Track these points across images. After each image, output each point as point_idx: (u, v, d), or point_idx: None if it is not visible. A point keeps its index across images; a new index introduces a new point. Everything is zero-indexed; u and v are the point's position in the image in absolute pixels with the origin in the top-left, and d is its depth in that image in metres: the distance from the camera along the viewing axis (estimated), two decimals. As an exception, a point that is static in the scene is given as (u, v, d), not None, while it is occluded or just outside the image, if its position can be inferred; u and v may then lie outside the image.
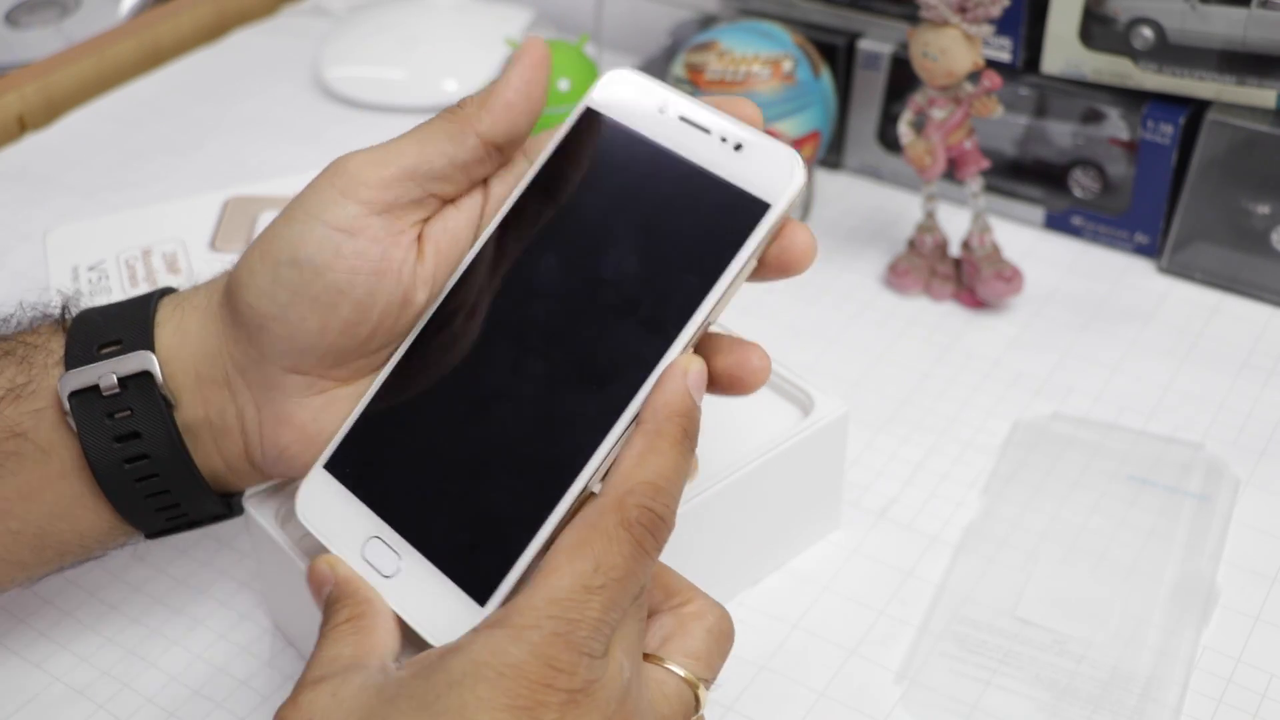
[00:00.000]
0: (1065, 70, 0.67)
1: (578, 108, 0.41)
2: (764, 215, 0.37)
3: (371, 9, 0.91)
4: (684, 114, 0.39)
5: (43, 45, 0.89)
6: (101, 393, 0.40)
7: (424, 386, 0.39)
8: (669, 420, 0.36)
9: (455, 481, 0.37)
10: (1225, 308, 0.64)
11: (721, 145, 0.38)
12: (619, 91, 0.40)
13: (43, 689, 0.47)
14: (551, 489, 0.36)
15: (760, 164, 0.37)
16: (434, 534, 0.37)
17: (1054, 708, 0.45)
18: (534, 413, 0.37)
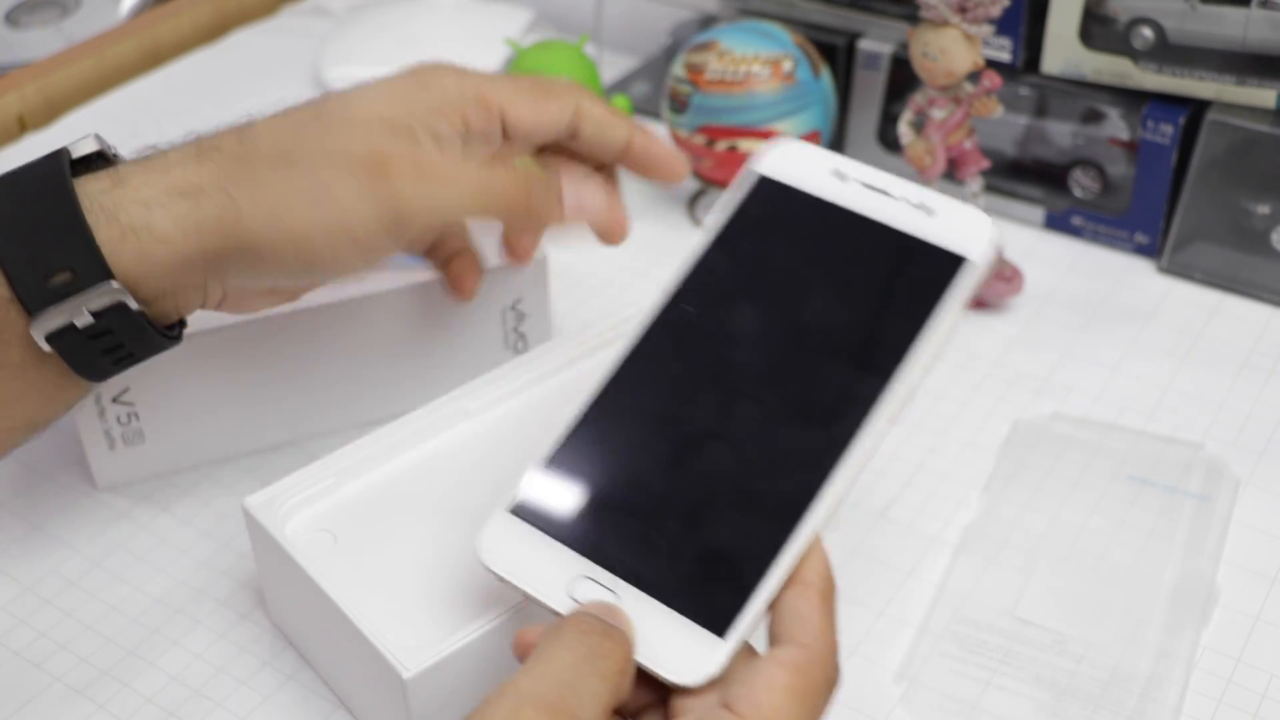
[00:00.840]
0: (1065, 70, 0.67)
1: (747, 174, 0.43)
2: (962, 266, 0.39)
3: (371, 9, 0.91)
4: (866, 180, 0.42)
5: (43, 45, 0.89)
6: (78, 327, 0.42)
7: (623, 429, 0.40)
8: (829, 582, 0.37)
9: (674, 519, 0.38)
10: (1225, 308, 0.64)
11: (910, 209, 0.41)
12: (789, 160, 0.43)
13: (43, 689, 0.47)
14: (782, 522, 0.37)
15: (951, 224, 0.40)
16: (654, 570, 0.37)
17: (1054, 708, 0.45)
18: (754, 452, 0.38)
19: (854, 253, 0.41)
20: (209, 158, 0.43)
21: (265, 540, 0.45)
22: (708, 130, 0.67)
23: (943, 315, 0.39)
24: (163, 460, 0.55)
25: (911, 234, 0.40)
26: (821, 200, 0.42)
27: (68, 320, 0.41)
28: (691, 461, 0.39)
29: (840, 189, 0.42)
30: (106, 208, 0.42)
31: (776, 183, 0.42)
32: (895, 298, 0.40)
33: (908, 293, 0.39)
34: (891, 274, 0.40)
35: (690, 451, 0.39)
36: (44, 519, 0.54)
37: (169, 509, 0.54)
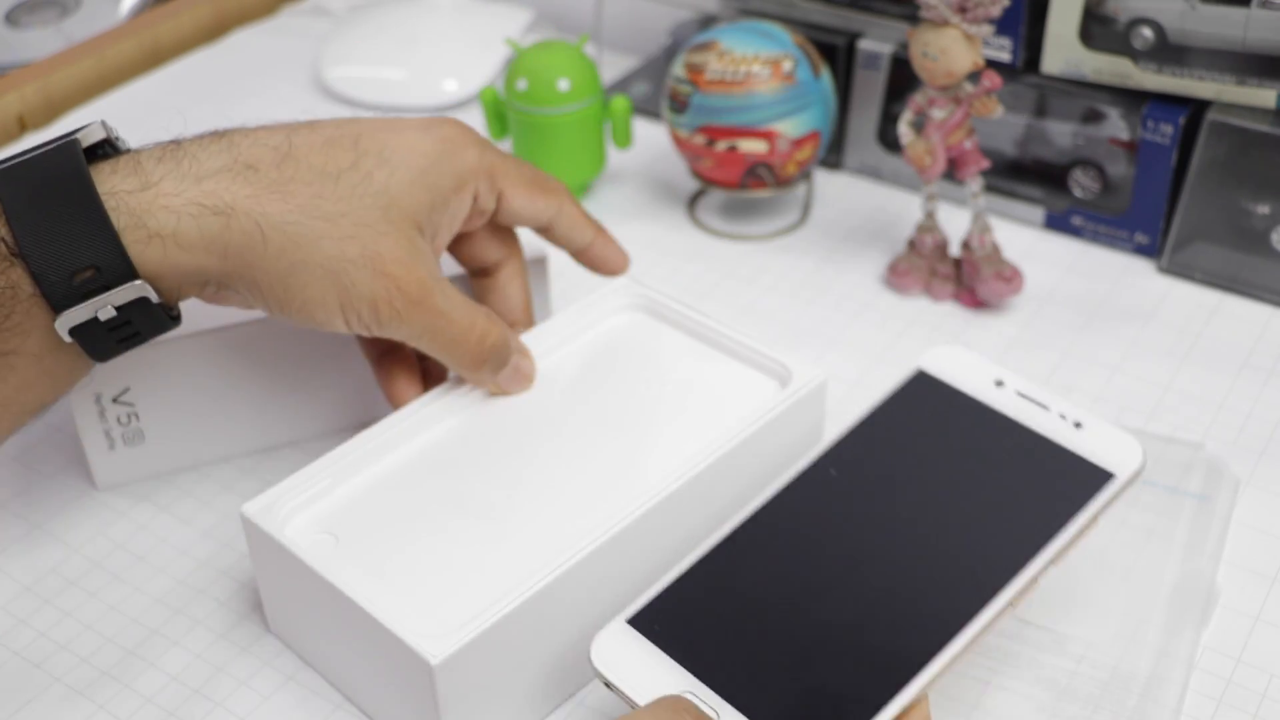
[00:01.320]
0: (1065, 70, 0.67)
1: (911, 372, 0.48)
2: (1107, 483, 0.43)
3: (371, 9, 0.91)
4: (1021, 390, 0.46)
5: (43, 45, 0.89)
6: (100, 320, 0.43)
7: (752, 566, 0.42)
8: None
9: (789, 656, 0.40)
10: (1225, 308, 0.64)
11: (1061, 421, 0.45)
12: (951, 363, 0.48)
13: (43, 689, 0.47)
14: (893, 677, 0.39)
15: (1099, 440, 0.44)
16: (758, 698, 0.39)
17: (1054, 708, 0.45)
18: (878, 609, 0.41)
19: (1003, 449, 0.45)
20: (245, 177, 0.44)
21: (267, 545, 0.45)
22: (708, 130, 0.67)
23: (1080, 520, 0.42)
24: (162, 460, 0.55)
25: (1059, 443, 0.44)
26: (974, 400, 0.46)
27: (92, 315, 0.43)
28: (814, 606, 0.41)
29: (996, 394, 0.46)
30: (134, 210, 0.43)
31: (935, 379, 0.47)
32: (1038, 495, 0.43)
33: (1051, 493, 0.43)
34: (1037, 477, 0.44)
35: (815, 597, 0.41)
36: (44, 519, 0.54)
37: (169, 509, 0.54)
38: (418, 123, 0.49)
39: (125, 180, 0.43)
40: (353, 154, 0.46)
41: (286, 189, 0.44)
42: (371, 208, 0.46)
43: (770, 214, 0.73)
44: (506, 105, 0.71)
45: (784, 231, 0.71)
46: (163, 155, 0.44)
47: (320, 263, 0.45)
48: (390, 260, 0.46)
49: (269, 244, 0.44)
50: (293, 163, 0.45)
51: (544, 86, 0.69)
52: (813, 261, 0.69)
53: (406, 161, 0.47)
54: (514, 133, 0.72)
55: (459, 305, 0.48)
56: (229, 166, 0.44)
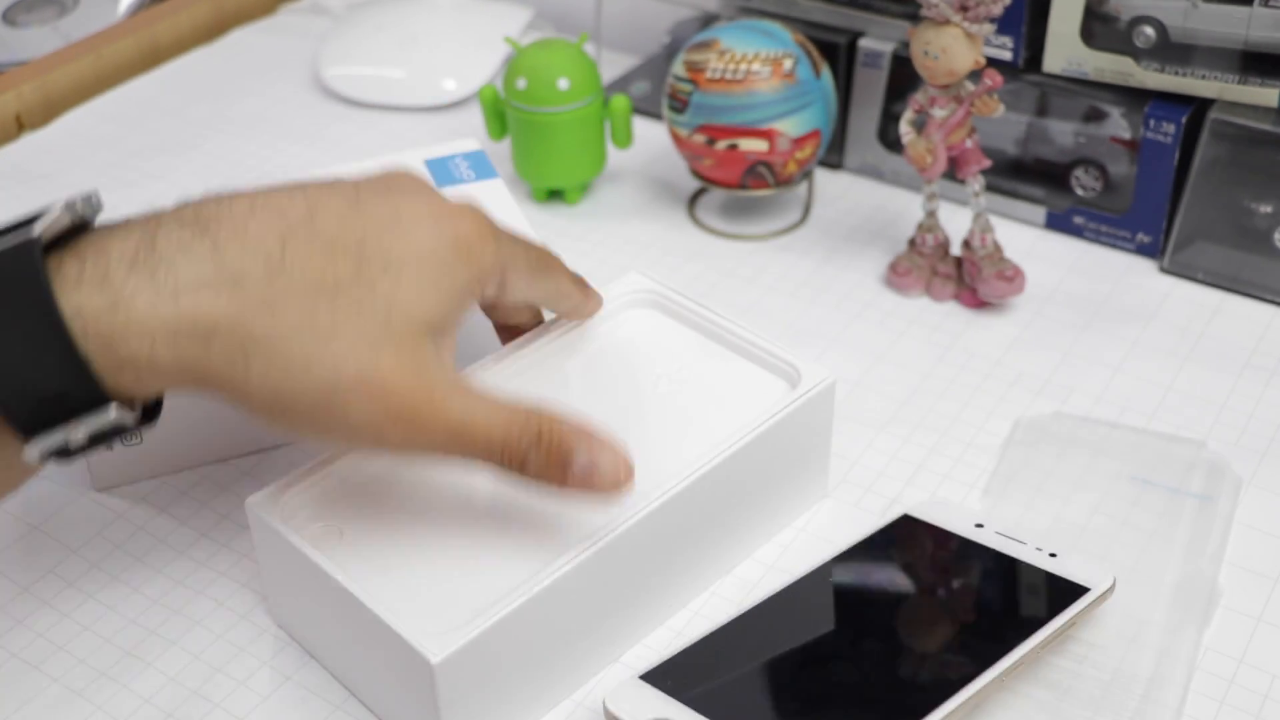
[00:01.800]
0: (1067, 69, 0.67)
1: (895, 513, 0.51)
2: (1083, 595, 0.46)
3: (371, 8, 0.90)
4: (1000, 529, 0.49)
5: (40, 44, 0.88)
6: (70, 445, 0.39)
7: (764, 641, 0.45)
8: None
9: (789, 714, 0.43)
10: (1227, 308, 0.64)
11: (1037, 553, 0.48)
12: (932, 508, 0.51)
13: (41, 690, 0.47)
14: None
15: (1074, 566, 0.47)
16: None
17: (1055, 708, 0.45)
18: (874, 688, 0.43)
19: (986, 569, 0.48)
20: (230, 293, 0.38)
21: (271, 538, 0.45)
22: (708, 129, 0.67)
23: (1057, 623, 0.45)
24: (161, 461, 0.55)
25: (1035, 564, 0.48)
26: (954, 535, 0.50)
27: (62, 442, 0.38)
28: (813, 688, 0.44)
29: (976, 533, 0.50)
30: (103, 334, 0.37)
31: (918, 520, 0.51)
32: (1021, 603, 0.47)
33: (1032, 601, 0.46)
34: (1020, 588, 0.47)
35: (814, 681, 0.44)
36: (42, 520, 0.54)
37: (167, 510, 0.54)
38: (430, 217, 0.42)
39: (92, 295, 0.37)
40: (354, 262, 0.40)
41: (276, 305, 0.39)
42: (372, 321, 0.40)
43: (770, 214, 0.73)
44: (506, 104, 0.71)
45: (784, 231, 0.71)
46: (135, 259, 0.38)
47: (310, 389, 0.39)
48: (391, 377, 0.40)
49: (252, 369, 0.38)
50: (285, 275, 0.39)
51: (543, 85, 0.69)
52: (813, 261, 0.69)
53: (415, 269, 0.41)
54: (513, 132, 0.72)
55: (483, 408, 0.41)
56: (211, 280, 0.38)
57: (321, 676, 0.47)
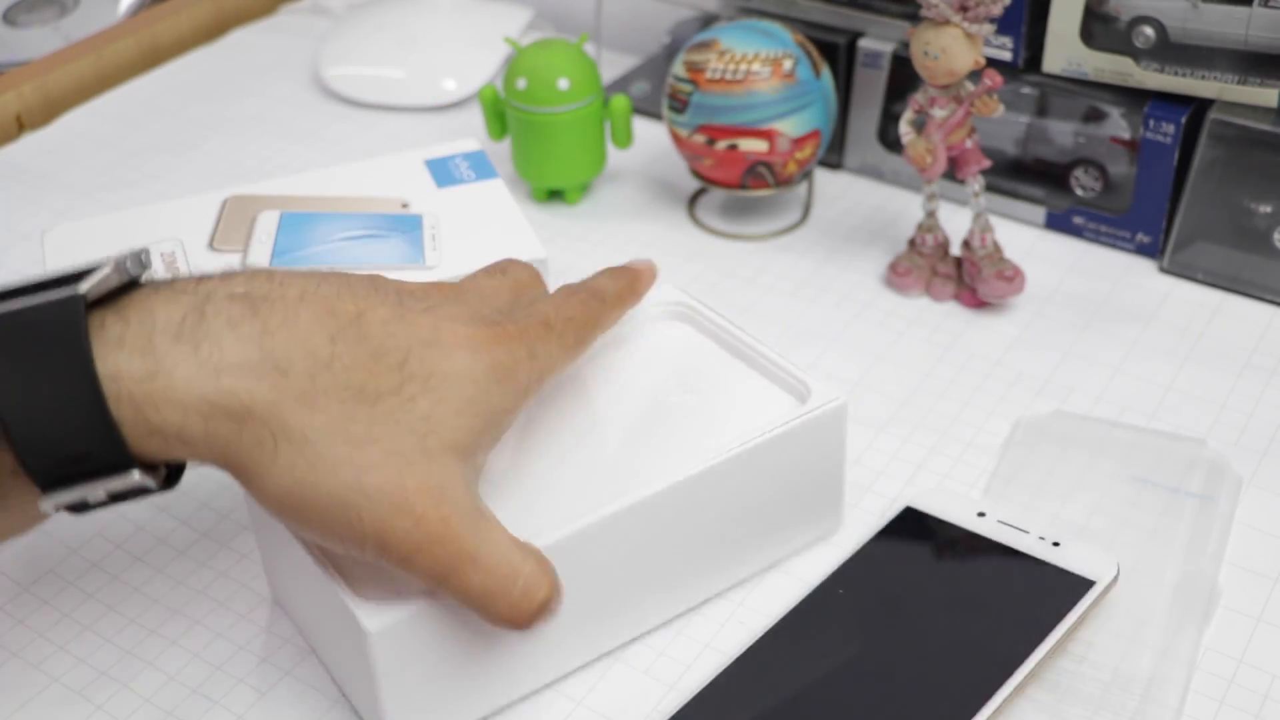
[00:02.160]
0: (1066, 69, 0.67)
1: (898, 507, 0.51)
2: (1089, 590, 0.47)
3: (371, 8, 0.90)
4: (1002, 518, 0.50)
5: (41, 44, 0.88)
6: (89, 501, 0.38)
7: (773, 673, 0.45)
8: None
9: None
10: (1227, 308, 0.64)
11: (1040, 542, 0.49)
12: (934, 498, 0.51)
13: (41, 690, 0.47)
14: None
15: (1077, 556, 0.48)
16: None
17: (1054, 708, 0.45)
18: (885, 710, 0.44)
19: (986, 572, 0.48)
20: (272, 380, 0.38)
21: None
22: (708, 129, 0.67)
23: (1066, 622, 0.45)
24: (161, 460, 0.55)
25: (1040, 558, 0.48)
26: (958, 528, 0.50)
27: (81, 498, 0.38)
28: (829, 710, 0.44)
29: (979, 523, 0.50)
30: (137, 400, 0.37)
31: (922, 513, 0.51)
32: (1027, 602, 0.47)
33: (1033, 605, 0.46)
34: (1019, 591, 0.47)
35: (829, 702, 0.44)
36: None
37: (168, 510, 0.54)
38: (468, 341, 0.42)
39: (131, 361, 0.37)
40: (398, 375, 0.40)
41: (316, 402, 0.38)
42: (407, 435, 0.39)
43: (770, 214, 0.73)
44: (506, 104, 0.71)
45: (784, 231, 0.71)
46: (180, 329, 0.38)
47: (330, 489, 0.39)
48: (416, 493, 0.39)
49: (279, 458, 0.38)
50: (330, 374, 0.39)
51: (544, 85, 0.69)
52: (813, 261, 0.69)
53: (455, 390, 0.41)
54: (513, 132, 0.72)
55: (499, 549, 0.41)
56: (256, 365, 0.38)
57: (319, 672, 0.47)
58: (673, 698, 0.46)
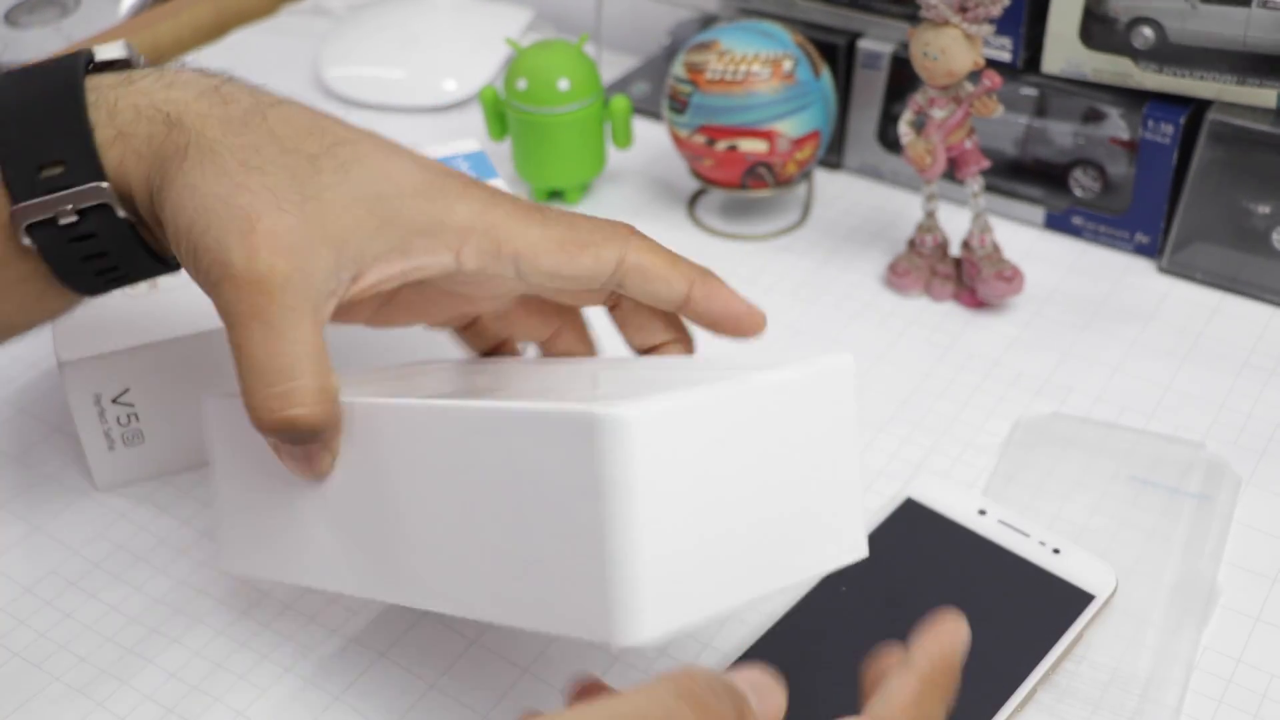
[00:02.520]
0: (1065, 70, 0.67)
1: (900, 499, 0.51)
2: (1088, 605, 0.47)
3: (371, 9, 0.91)
4: (1003, 518, 0.50)
5: (42, 45, 0.88)
6: (58, 221, 0.40)
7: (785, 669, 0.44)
8: (943, 674, 0.36)
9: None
10: (1226, 308, 0.64)
11: (1040, 547, 0.49)
12: (935, 491, 0.51)
13: (42, 689, 0.47)
14: None
15: (1076, 565, 0.48)
16: None
17: (1053, 708, 0.45)
18: None
19: (985, 577, 0.48)
20: (210, 102, 0.41)
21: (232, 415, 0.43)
22: (708, 130, 0.67)
23: (1062, 643, 0.45)
24: (162, 461, 0.55)
25: (1041, 566, 0.48)
26: (958, 526, 0.50)
27: (52, 214, 0.40)
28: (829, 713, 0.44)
29: (979, 522, 0.50)
30: (109, 104, 0.40)
31: (922, 506, 0.51)
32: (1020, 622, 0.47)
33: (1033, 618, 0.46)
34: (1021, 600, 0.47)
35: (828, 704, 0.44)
36: (44, 520, 0.54)
37: (168, 510, 0.54)
38: (425, 162, 0.42)
39: (110, 77, 0.41)
40: (318, 146, 0.41)
41: (235, 127, 0.40)
42: (295, 190, 0.39)
43: (770, 214, 0.73)
44: (506, 105, 0.71)
45: (784, 231, 0.71)
46: (156, 68, 0.42)
47: (206, 195, 0.39)
48: (264, 234, 0.38)
49: (187, 160, 0.39)
50: (260, 120, 0.41)
51: (544, 86, 0.69)
52: (813, 261, 0.69)
53: (368, 183, 0.40)
54: (514, 132, 0.72)
55: (296, 344, 0.39)
56: (204, 93, 0.41)
57: (320, 669, 0.47)
58: None
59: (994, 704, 0.44)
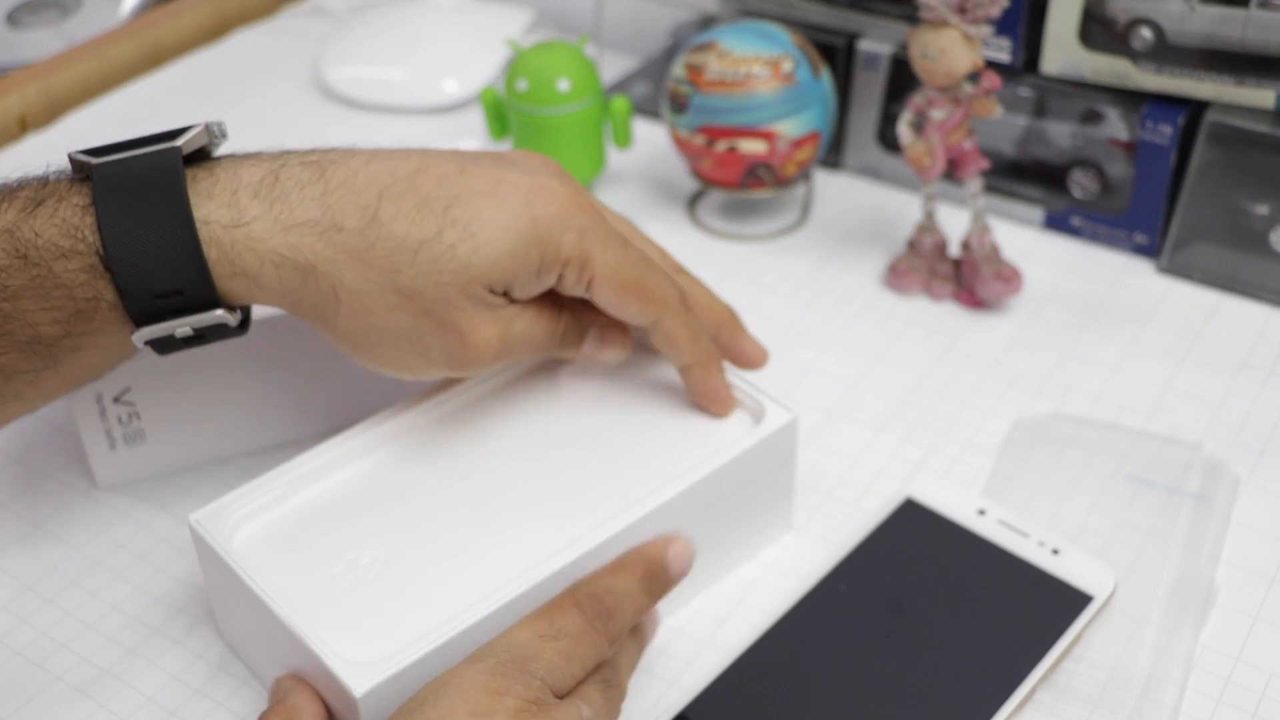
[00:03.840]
0: (1064, 71, 0.67)
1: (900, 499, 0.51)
2: (1087, 605, 0.47)
3: (372, 9, 0.91)
4: (1002, 519, 0.50)
5: (44, 46, 0.89)
6: (176, 336, 0.44)
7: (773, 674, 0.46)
8: (637, 560, 0.45)
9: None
10: (1224, 308, 0.64)
11: (1039, 548, 0.49)
12: (935, 491, 0.51)
13: (43, 688, 0.47)
14: None
15: (1075, 565, 0.48)
16: None
17: (1053, 708, 0.45)
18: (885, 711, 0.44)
19: (984, 577, 0.48)
20: (329, 237, 0.43)
21: (209, 555, 0.45)
22: (707, 130, 0.67)
23: (1060, 645, 0.46)
24: (163, 460, 0.56)
25: (1040, 567, 0.48)
26: (959, 526, 0.50)
27: (170, 333, 0.44)
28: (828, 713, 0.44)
29: (979, 522, 0.50)
30: (224, 244, 0.43)
31: (922, 506, 0.51)
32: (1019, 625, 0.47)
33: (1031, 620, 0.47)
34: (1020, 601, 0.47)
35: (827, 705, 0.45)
36: (44, 518, 0.54)
37: (169, 509, 0.55)
38: (522, 192, 0.45)
39: (219, 211, 0.43)
40: (439, 223, 0.44)
41: (366, 256, 0.43)
42: (450, 285, 0.44)
43: (770, 214, 0.73)
44: (507, 105, 0.71)
45: (784, 231, 0.72)
46: (258, 190, 0.44)
47: (393, 330, 0.44)
48: (469, 330, 0.45)
49: (342, 307, 0.44)
50: (377, 227, 0.44)
51: (544, 87, 0.69)
52: (813, 261, 0.69)
53: (493, 238, 0.44)
54: (514, 133, 0.72)
55: (530, 323, 0.47)
56: (316, 222, 0.43)
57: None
58: (674, 695, 0.46)
59: (993, 704, 0.44)
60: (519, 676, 0.39)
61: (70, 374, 0.45)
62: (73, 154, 0.44)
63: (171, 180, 0.43)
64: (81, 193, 0.43)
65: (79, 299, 0.43)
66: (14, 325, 0.42)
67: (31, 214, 0.42)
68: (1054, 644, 0.46)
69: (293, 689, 0.43)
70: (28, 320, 0.42)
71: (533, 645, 0.40)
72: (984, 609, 0.47)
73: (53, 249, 0.42)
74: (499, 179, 0.45)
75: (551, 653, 0.40)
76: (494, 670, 0.39)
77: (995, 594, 0.48)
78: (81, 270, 0.42)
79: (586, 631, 0.41)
